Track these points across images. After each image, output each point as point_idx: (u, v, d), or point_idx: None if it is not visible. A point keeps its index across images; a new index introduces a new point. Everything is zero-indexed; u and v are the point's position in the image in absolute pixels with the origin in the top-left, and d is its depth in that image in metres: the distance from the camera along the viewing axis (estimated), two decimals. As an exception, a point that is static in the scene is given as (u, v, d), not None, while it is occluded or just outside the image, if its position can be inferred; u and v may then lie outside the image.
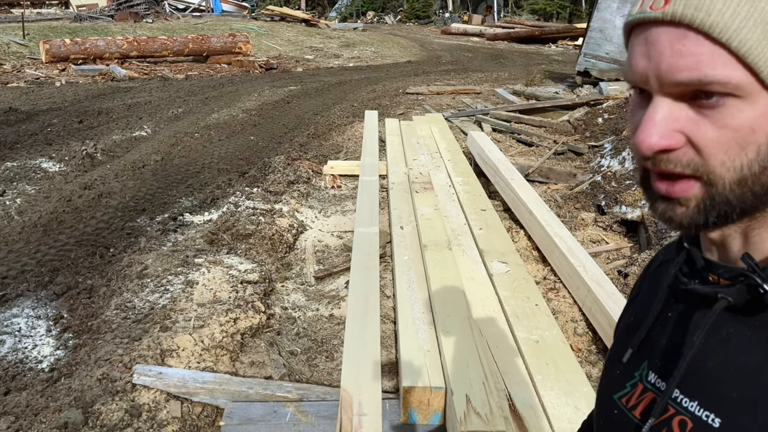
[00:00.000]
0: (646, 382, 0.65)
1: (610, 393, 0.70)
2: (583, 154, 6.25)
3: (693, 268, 0.62)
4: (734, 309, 0.56)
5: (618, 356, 0.70)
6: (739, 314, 0.56)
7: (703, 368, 0.58)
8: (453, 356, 2.37)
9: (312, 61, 15.43)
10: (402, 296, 2.94)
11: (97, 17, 19.77)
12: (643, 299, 0.73)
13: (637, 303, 0.74)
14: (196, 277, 3.32)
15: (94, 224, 4.33)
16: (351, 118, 8.18)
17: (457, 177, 4.80)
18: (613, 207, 4.72)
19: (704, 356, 0.58)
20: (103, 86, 10.21)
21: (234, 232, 3.92)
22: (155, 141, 6.66)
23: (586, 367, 2.98)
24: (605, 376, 0.73)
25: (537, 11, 32.80)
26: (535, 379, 2.27)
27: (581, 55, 11.03)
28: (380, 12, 35.59)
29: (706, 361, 0.57)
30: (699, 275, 0.61)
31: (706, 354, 0.58)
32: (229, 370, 2.67)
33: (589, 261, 3.44)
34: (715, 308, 0.56)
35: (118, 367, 2.53)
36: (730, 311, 0.56)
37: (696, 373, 0.58)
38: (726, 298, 0.56)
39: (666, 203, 0.57)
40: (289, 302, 3.41)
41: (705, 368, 0.57)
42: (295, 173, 5.36)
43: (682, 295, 0.63)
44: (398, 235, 3.69)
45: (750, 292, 0.55)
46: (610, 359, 0.73)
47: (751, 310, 0.55)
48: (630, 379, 0.67)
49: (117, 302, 3.11)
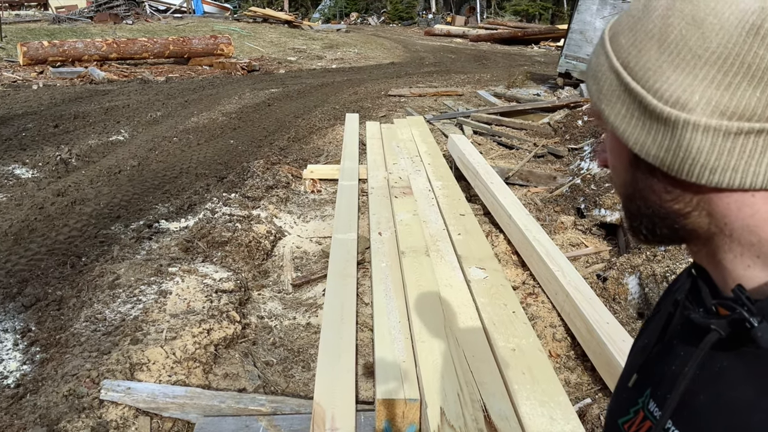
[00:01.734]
0: (646, 410, 0.64)
1: (616, 417, 0.70)
2: (563, 157, 6.26)
3: (699, 296, 0.62)
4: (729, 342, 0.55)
5: (626, 379, 0.70)
6: (733, 348, 0.55)
7: (695, 401, 0.57)
8: (428, 367, 2.33)
9: (294, 63, 15.35)
10: (379, 305, 2.90)
11: (76, 19, 19.51)
12: (656, 322, 0.72)
13: (655, 322, 0.73)
14: (170, 287, 3.25)
15: (66, 232, 4.24)
16: (332, 120, 8.14)
17: (436, 181, 4.77)
18: (593, 210, 4.72)
19: (697, 388, 0.57)
20: (81, 89, 10.05)
21: (210, 240, 3.86)
22: (132, 145, 6.56)
23: (564, 373, 2.96)
24: (614, 398, 0.74)
25: (519, 12, 32.98)
26: (511, 389, 2.24)
27: (562, 57, 11.08)
28: (364, 13, 35.56)
29: (699, 394, 0.57)
30: (704, 303, 0.60)
31: (699, 386, 0.57)
32: (202, 383, 2.61)
33: (568, 265, 3.42)
34: (707, 340, 0.56)
35: (86, 383, 2.46)
36: (726, 344, 0.56)
37: (688, 405, 0.57)
38: (718, 331, 0.55)
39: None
40: (266, 311, 3.35)
41: (697, 401, 0.57)
42: (274, 178, 5.30)
43: (684, 322, 0.63)
44: (377, 241, 3.65)
45: (736, 325, 0.54)
46: (621, 381, 0.73)
47: (738, 344, 0.54)
48: (634, 405, 0.67)
49: (87, 314, 3.04)
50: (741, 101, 0.50)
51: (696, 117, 0.51)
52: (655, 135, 0.54)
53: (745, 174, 0.52)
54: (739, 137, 0.51)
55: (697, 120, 0.51)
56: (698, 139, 0.51)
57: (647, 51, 0.53)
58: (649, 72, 0.53)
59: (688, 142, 0.52)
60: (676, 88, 0.51)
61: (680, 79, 0.51)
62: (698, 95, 0.51)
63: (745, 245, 0.55)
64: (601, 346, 2.74)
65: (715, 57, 0.50)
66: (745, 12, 0.49)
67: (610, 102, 0.57)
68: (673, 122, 0.52)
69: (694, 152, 0.52)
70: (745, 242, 0.55)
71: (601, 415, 2.65)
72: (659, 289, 3.39)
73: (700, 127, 0.51)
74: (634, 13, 0.56)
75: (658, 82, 0.52)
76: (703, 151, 0.52)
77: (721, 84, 0.50)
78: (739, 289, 0.54)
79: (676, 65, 0.51)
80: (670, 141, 0.53)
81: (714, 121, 0.50)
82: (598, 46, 0.60)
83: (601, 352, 2.73)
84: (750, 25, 0.49)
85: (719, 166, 0.52)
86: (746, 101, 0.50)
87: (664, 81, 0.52)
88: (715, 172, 0.52)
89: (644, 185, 0.58)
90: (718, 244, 0.57)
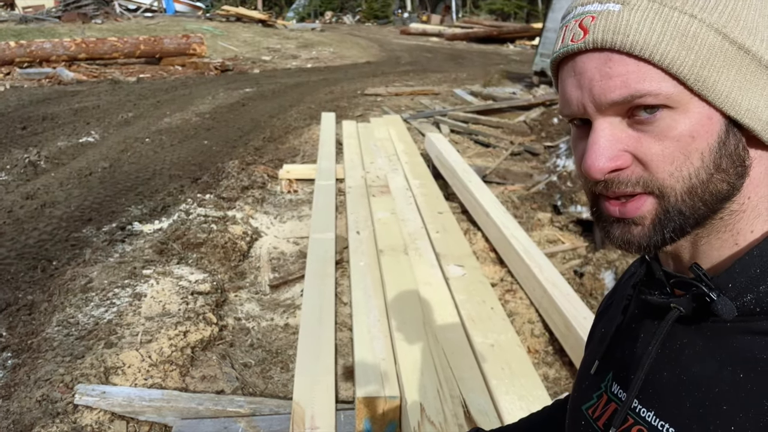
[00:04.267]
0: (609, 393, 0.66)
1: (579, 404, 0.71)
2: (539, 155, 6.32)
3: (654, 280, 0.63)
4: (688, 319, 0.57)
5: (587, 367, 0.71)
6: (692, 324, 0.57)
7: (660, 379, 0.58)
8: (408, 364, 2.33)
9: (269, 62, 15.24)
10: (358, 303, 2.89)
11: (43, 19, 19.10)
12: (612, 311, 0.73)
13: (608, 314, 0.75)
14: (144, 290, 3.20)
15: (36, 236, 4.14)
16: (308, 120, 8.09)
17: (414, 180, 4.78)
18: (569, 207, 4.77)
19: (660, 367, 0.58)
20: (50, 90, 9.84)
21: (185, 241, 3.80)
22: (103, 147, 6.44)
23: (543, 368, 2.99)
24: (576, 387, 0.74)
25: (495, 11, 33.25)
26: (490, 384, 2.25)
27: (537, 56, 11.18)
28: (339, 12, 35.48)
29: (662, 372, 0.58)
30: (660, 286, 0.62)
31: (662, 364, 0.58)
32: (179, 386, 2.57)
33: (545, 262, 3.45)
34: (668, 318, 0.57)
35: (59, 388, 2.40)
36: (685, 321, 0.57)
37: (653, 384, 0.58)
38: (678, 308, 0.56)
39: (621, 226, 0.57)
40: (243, 312, 3.32)
41: (661, 379, 0.58)
42: (249, 178, 5.25)
43: (642, 306, 0.65)
44: (355, 241, 3.64)
45: (697, 301, 0.55)
46: (581, 370, 0.74)
47: (700, 318, 0.56)
48: (596, 390, 0.68)
49: (59, 318, 2.97)
50: None
51: None
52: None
53: None
54: None
55: None
56: None
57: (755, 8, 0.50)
58: (760, 27, 0.50)
59: None
60: None
61: None
62: None
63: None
64: (579, 341, 2.76)
65: None
66: None
67: (714, 68, 0.50)
68: None
69: None
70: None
71: (579, 408, 2.68)
72: (634, 283, 3.45)
73: None
74: None
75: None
76: None
77: None
78: (696, 267, 0.55)
79: None
80: None
81: None
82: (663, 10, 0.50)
83: (579, 347, 2.76)
84: None
85: None
86: None
87: None
88: None
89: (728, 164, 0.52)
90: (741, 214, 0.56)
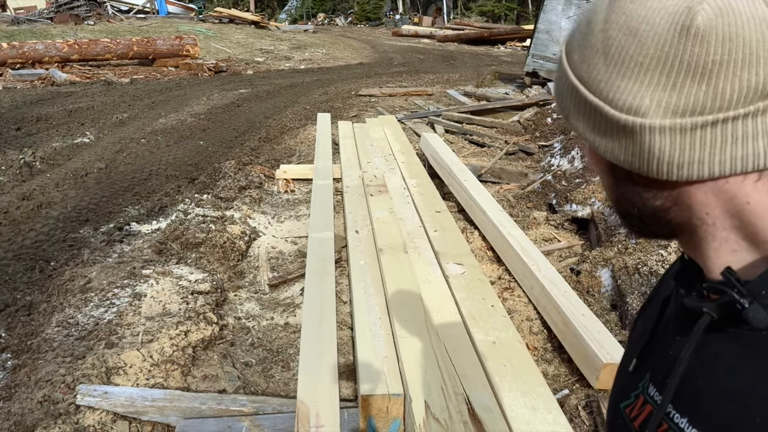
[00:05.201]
0: (646, 395, 0.65)
1: (617, 401, 0.71)
2: (534, 154, 6.35)
3: (693, 279, 0.63)
4: (723, 325, 0.56)
5: (626, 364, 0.71)
6: (727, 330, 0.56)
7: (694, 386, 0.58)
8: (411, 361, 2.34)
9: (262, 64, 15.22)
10: (358, 302, 2.90)
11: (35, 20, 18.98)
12: (652, 307, 0.73)
13: (649, 309, 0.74)
14: (144, 290, 3.19)
15: (33, 237, 4.12)
16: (303, 120, 8.09)
17: (411, 179, 4.79)
18: (564, 205, 4.80)
19: (695, 373, 0.58)
20: (43, 91, 9.78)
21: (183, 241, 3.80)
22: (99, 148, 6.41)
23: (542, 365, 3.00)
24: (616, 382, 0.75)
25: (485, 13, 33.35)
26: (492, 381, 2.27)
27: (529, 56, 11.24)
28: (331, 14, 35.47)
29: (697, 379, 0.57)
30: (696, 288, 0.62)
31: (696, 371, 0.58)
32: (181, 386, 2.57)
33: (542, 260, 3.48)
34: (700, 323, 0.57)
35: (61, 388, 2.40)
36: (720, 328, 0.56)
37: (688, 390, 0.58)
38: (710, 314, 0.56)
39: None
40: (243, 312, 3.32)
41: (696, 386, 0.57)
42: (246, 178, 5.25)
43: (679, 306, 0.64)
44: (354, 240, 3.65)
45: (728, 308, 0.55)
46: (622, 365, 0.74)
47: (731, 325, 0.55)
48: (634, 389, 0.68)
49: (59, 319, 2.96)
50: (689, 98, 0.52)
51: (650, 120, 0.53)
52: (620, 142, 0.56)
53: (712, 164, 0.53)
54: (695, 131, 0.52)
55: (652, 122, 0.53)
56: (657, 140, 0.54)
57: (596, 64, 0.56)
58: (601, 84, 0.55)
59: (649, 144, 0.54)
60: (627, 95, 0.54)
61: (629, 87, 0.54)
62: (648, 99, 0.53)
63: (729, 230, 0.57)
64: (577, 338, 2.79)
65: (655, 62, 0.52)
66: (674, 14, 0.51)
67: (576, 116, 0.59)
68: (631, 128, 0.54)
69: (657, 152, 0.54)
70: (728, 227, 0.57)
71: (579, 405, 2.70)
72: (631, 281, 3.47)
73: (656, 129, 0.53)
74: (581, 29, 0.58)
75: (611, 92, 0.55)
76: (665, 150, 0.54)
77: (666, 85, 0.52)
78: (728, 272, 0.55)
79: (623, 74, 0.54)
80: (633, 146, 0.55)
81: (668, 121, 0.53)
82: (558, 64, 0.62)
83: (578, 343, 2.78)
84: (680, 26, 0.51)
85: (684, 161, 0.54)
86: (693, 97, 0.51)
87: (615, 90, 0.54)
88: (682, 167, 0.54)
89: (625, 188, 0.61)
90: (703, 234, 0.58)
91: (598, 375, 2.61)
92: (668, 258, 3.40)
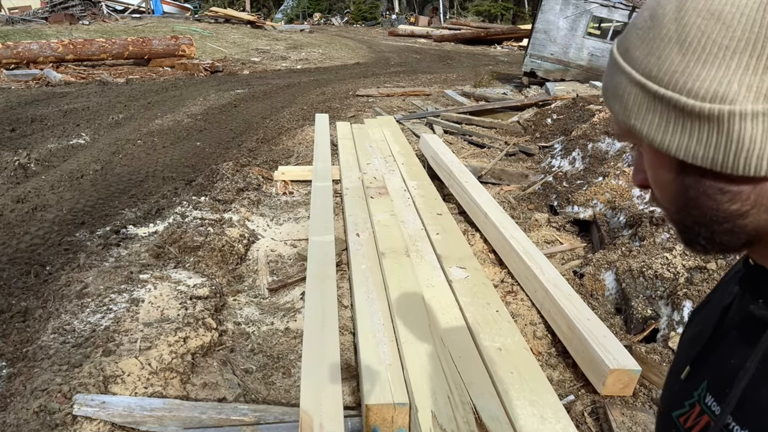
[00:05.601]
0: (703, 404, 0.63)
1: (669, 409, 0.69)
2: (534, 155, 6.31)
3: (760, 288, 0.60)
4: None
5: (678, 370, 0.68)
6: None
7: (757, 397, 0.55)
8: (416, 369, 2.29)
9: (259, 64, 15.14)
10: (361, 308, 2.85)
11: (30, 20, 18.86)
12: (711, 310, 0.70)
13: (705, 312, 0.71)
14: (142, 295, 3.13)
15: (28, 240, 4.05)
16: (301, 121, 8.03)
17: (411, 181, 4.74)
18: (566, 207, 4.76)
19: (758, 384, 0.55)
20: (38, 92, 9.69)
21: (181, 245, 3.74)
22: (94, 149, 6.34)
23: (547, 370, 2.96)
24: (666, 389, 0.72)
25: (482, 13, 33.33)
26: (499, 389, 2.22)
27: (527, 56, 11.21)
28: (327, 13, 35.39)
29: (760, 390, 0.55)
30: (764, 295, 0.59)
31: (760, 382, 0.55)
32: (180, 394, 2.51)
33: (546, 263, 3.43)
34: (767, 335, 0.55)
35: (57, 398, 2.34)
36: None
37: (750, 402, 0.56)
38: None
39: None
40: (242, 317, 3.26)
41: (759, 397, 0.55)
42: (244, 180, 5.19)
43: (744, 312, 0.61)
44: (354, 243, 3.59)
45: None
46: (672, 371, 0.72)
47: None
48: (689, 398, 0.65)
49: (54, 325, 2.90)
50: None
51: (740, 106, 0.49)
52: (699, 135, 0.52)
53: None
54: None
55: (743, 108, 0.49)
56: (749, 128, 0.50)
57: (668, 55, 0.53)
58: (677, 74, 0.52)
59: (739, 133, 0.50)
60: (711, 82, 0.50)
61: (713, 73, 0.50)
62: (736, 84, 0.49)
63: None
64: (582, 343, 2.75)
65: (743, 44, 0.49)
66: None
67: (640, 116, 0.56)
68: (717, 117, 0.50)
69: (747, 142, 0.50)
70: None
71: (585, 411, 2.65)
72: (636, 285, 3.42)
73: (748, 115, 0.49)
74: (640, 25, 0.56)
75: (690, 81, 0.51)
76: (756, 140, 0.50)
77: (757, 68, 0.49)
78: None
79: (705, 60, 0.50)
80: (718, 137, 0.51)
81: (760, 106, 0.49)
82: (610, 67, 0.59)
83: (583, 348, 2.74)
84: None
85: None
86: None
87: (695, 79, 0.51)
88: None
89: (696, 192, 0.56)
90: None
91: (604, 381, 2.57)
92: (673, 261, 3.36)
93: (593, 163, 5.16)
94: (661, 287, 3.31)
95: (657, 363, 2.82)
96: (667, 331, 3.05)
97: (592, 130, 5.55)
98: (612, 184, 4.63)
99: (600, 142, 5.36)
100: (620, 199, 4.51)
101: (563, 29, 10.74)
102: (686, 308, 3.05)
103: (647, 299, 3.32)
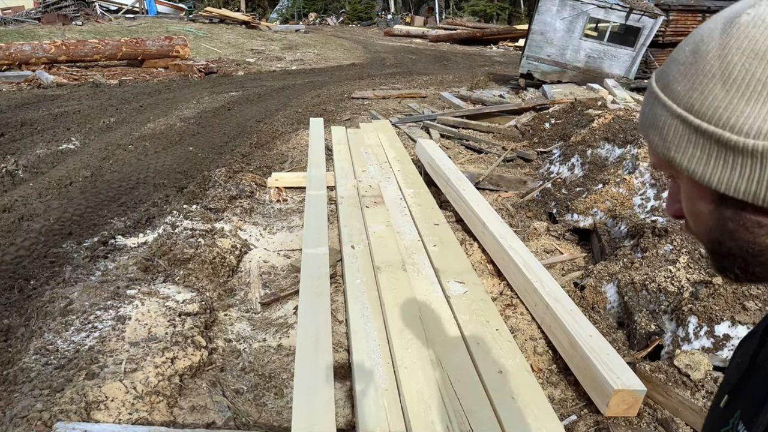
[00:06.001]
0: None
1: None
2: (532, 161, 6.21)
3: None
4: None
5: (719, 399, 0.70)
6: None
7: None
8: (413, 395, 2.19)
9: (253, 65, 15.02)
10: (356, 326, 2.74)
11: (22, 20, 18.69)
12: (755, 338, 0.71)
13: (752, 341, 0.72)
14: (129, 312, 3.02)
15: (13, 252, 3.93)
16: (295, 125, 7.92)
17: (407, 189, 4.64)
18: (565, 215, 4.67)
19: None
20: (29, 94, 9.55)
21: (171, 257, 3.63)
22: (84, 154, 6.21)
23: (548, 388, 2.86)
24: (708, 418, 0.74)
25: (477, 13, 33.25)
26: (500, 417, 2.13)
27: (523, 58, 11.12)
28: (322, 13, 35.26)
29: None
30: None
31: None
32: (166, 420, 2.41)
33: (546, 275, 3.34)
34: None
35: (37, 426, 2.23)
36: None
37: None
38: None
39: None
40: (233, 333, 3.16)
41: None
42: (237, 187, 5.08)
43: None
44: (349, 256, 3.49)
45: None
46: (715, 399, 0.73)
47: None
48: (724, 425, 0.66)
49: (37, 345, 2.78)
50: None
51: None
52: (741, 170, 0.54)
53: None
54: None
55: None
56: None
57: (711, 91, 0.54)
58: (720, 110, 0.53)
59: None
60: (756, 119, 0.51)
61: (757, 110, 0.51)
62: None
63: None
64: (585, 361, 2.65)
65: None
66: None
67: (680, 148, 0.57)
68: (761, 153, 0.52)
69: None
70: None
71: (588, 432, 2.56)
72: (639, 298, 3.33)
73: None
74: (681, 60, 0.57)
75: (733, 117, 0.52)
76: None
77: None
78: None
79: (748, 97, 0.52)
80: (760, 172, 0.53)
81: None
82: (649, 99, 0.61)
83: (586, 367, 2.65)
84: None
85: None
86: None
87: (739, 115, 0.52)
88: None
89: (735, 225, 0.57)
90: None
91: (608, 402, 2.48)
92: (677, 274, 3.27)
93: (593, 170, 5.07)
94: (665, 301, 3.21)
95: (662, 382, 2.73)
96: (671, 348, 2.96)
97: (592, 136, 5.46)
98: (612, 191, 4.54)
99: (599, 148, 5.26)
100: (621, 207, 4.42)
101: (560, 31, 10.65)
102: (692, 324, 2.95)
103: (650, 314, 3.22)
